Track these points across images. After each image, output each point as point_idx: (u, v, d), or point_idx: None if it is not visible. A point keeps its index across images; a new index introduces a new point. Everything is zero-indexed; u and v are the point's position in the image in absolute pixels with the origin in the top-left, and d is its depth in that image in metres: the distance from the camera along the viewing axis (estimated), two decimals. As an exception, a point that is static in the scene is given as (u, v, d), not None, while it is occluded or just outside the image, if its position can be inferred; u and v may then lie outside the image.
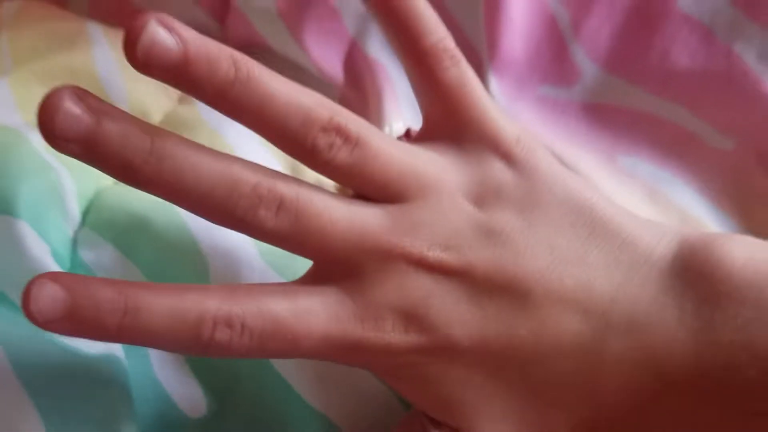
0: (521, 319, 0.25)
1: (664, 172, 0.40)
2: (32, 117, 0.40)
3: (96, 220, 0.36)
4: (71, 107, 0.23)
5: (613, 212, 0.27)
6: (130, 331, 0.24)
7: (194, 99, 0.41)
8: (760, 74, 0.39)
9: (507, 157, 0.27)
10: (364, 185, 0.27)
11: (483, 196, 0.27)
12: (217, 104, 0.25)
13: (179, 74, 0.24)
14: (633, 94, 0.42)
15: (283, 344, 0.25)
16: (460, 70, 0.28)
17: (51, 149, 0.36)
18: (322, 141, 0.25)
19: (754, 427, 0.23)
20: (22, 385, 0.28)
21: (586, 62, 0.43)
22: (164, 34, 0.23)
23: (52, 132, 0.23)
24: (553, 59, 0.43)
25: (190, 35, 0.24)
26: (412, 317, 0.25)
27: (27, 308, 0.23)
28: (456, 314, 0.25)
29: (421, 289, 0.25)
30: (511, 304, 0.25)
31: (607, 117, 0.42)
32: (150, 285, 0.25)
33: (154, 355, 0.32)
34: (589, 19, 0.42)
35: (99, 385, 0.29)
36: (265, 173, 0.25)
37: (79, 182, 0.36)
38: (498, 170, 0.27)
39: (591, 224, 0.26)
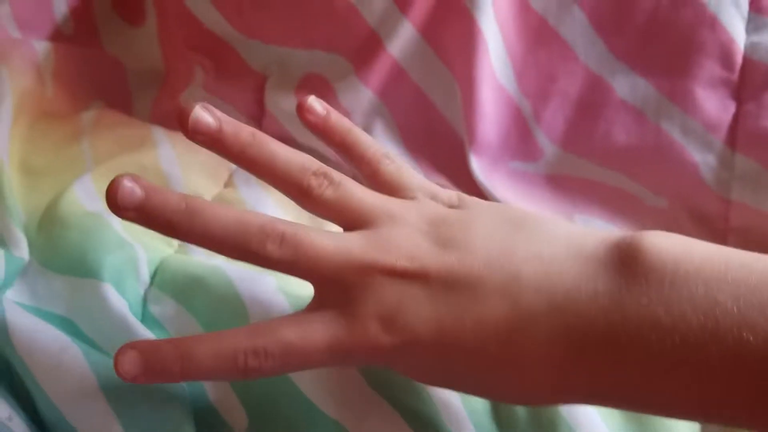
0: (467, 310, 0.29)
1: (612, 227, 0.46)
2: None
3: (161, 281, 0.43)
4: (128, 185, 0.31)
5: (542, 218, 0.32)
6: (188, 373, 0.31)
7: (236, 184, 0.51)
8: (684, 145, 0.46)
9: (450, 203, 0.35)
10: (345, 215, 0.33)
11: (435, 221, 0.32)
12: (239, 159, 0.34)
13: (215, 139, 0.33)
14: (584, 166, 0.48)
15: (298, 360, 0.31)
16: (396, 165, 0.37)
17: (127, 229, 0.46)
18: (314, 182, 0.33)
19: (654, 383, 0.27)
20: (106, 399, 0.35)
21: (546, 143, 0.50)
22: (206, 113, 0.33)
23: (115, 203, 0.31)
24: (520, 141, 0.50)
25: (224, 116, 0.34)
26: (388, 320, 0.30)
27: (117, 370, 0.31)
28: (419, 313, 0.30)
29: (394, 295, 0.30)
30: (459, 298, 0.29)
31: (565, 185, 0.49)
32: (197, 336, 0.32)
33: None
34: (547, 109, 0.49)
35: (166, 402, 0.36)
36: (269, 218, 0.32)
37: (148, 253, 0.44)
38: (444, 208, 0.34)
39: (519, 227, 0.31)
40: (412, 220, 0.33)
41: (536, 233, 0.31)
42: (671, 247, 0.28)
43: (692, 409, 0.27)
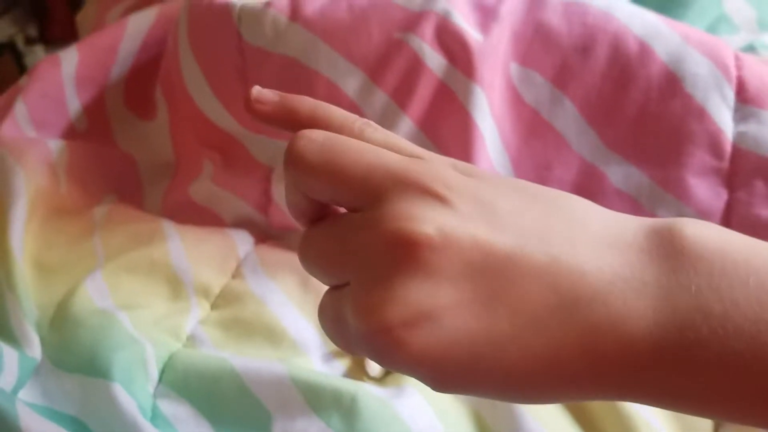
0: (499, 294, 0.25)
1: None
2: (121, 300, 0.50)
3: (170, 378, 0.45)
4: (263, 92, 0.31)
5: (573, 199, 0.28)
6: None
7: (244, 275, 0.53)
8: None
9: (462, 170, 0.28)
10: (340, 182, 0.27)
11: (451, 187, 0.27)
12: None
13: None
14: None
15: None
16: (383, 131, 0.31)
17: (136, 325, 0.47)
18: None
19: (703, 380, 0.24)
20: None
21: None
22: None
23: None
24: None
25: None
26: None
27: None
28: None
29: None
30: (490, 281, 0.25)
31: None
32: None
33: None
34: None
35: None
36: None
37: (157, 348, 0.46)
38: (458, 174, 0.28)
39: (550, 207, 0.27)
40: (424, 181, 0.27)
41: (570, 215, 0.27)
42: (714, 236, 0.26)
43: (740, 406, 0.25)
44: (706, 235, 0.26)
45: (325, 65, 0.52)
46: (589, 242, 0.26)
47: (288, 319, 0.49)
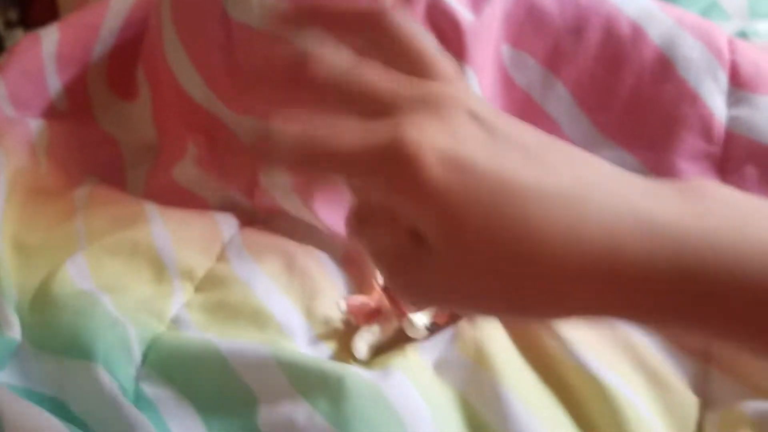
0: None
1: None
2: (103, 282, 0.49)
3: (154, 361, 0.44)
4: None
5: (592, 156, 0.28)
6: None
7: (228, 258, 0.52)
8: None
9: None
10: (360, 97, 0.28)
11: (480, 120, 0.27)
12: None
13: None
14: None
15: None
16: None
17: (118, 306, 0.46)
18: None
19: (710, 307, 0.25)
20: None
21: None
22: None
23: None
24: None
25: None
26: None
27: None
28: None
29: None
30: (501, 210, 0.25)
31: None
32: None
33: None
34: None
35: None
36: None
37: (140, 330, 0.45)
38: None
39: (570, 149, 0.27)
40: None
41: (594, 161, 0.27)
42: (731, 190, 0.27)
43: (755, 333, 0.25)
44: (725, 188, 0.27)
45: (315, 42, 0.51)
46: (615, 181, 0.26)
47: (273, 302, 0.49)
